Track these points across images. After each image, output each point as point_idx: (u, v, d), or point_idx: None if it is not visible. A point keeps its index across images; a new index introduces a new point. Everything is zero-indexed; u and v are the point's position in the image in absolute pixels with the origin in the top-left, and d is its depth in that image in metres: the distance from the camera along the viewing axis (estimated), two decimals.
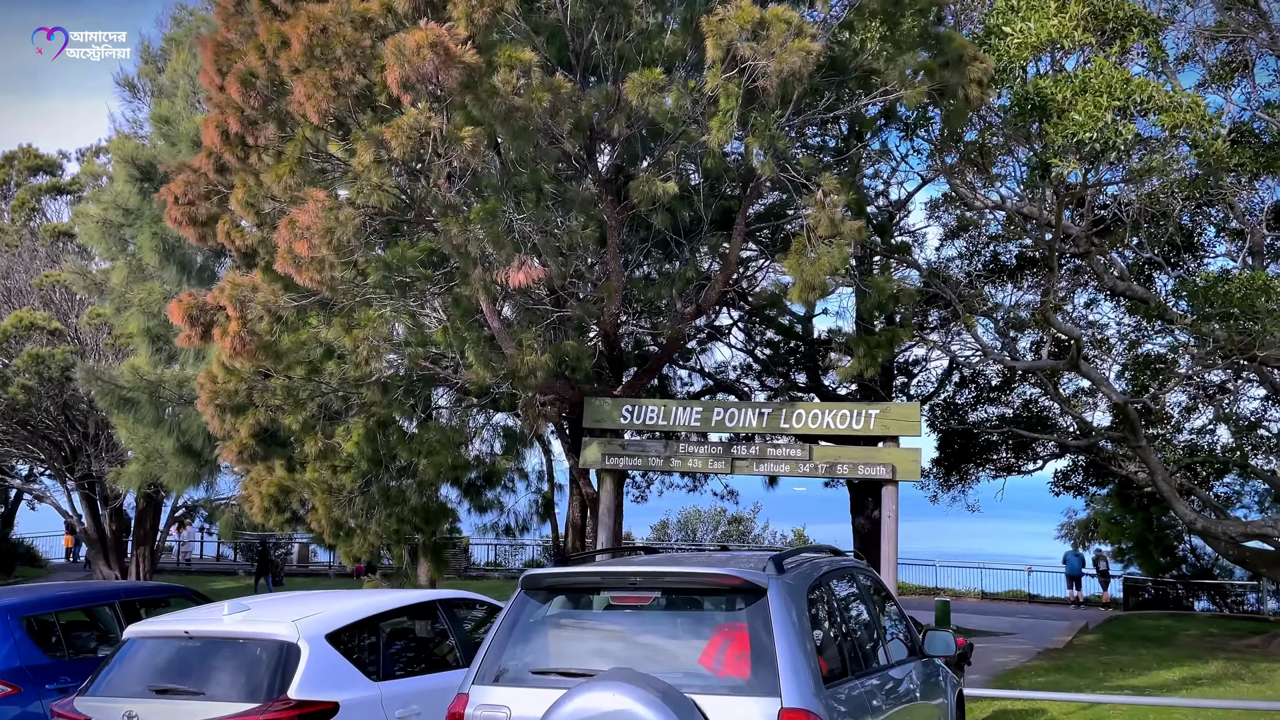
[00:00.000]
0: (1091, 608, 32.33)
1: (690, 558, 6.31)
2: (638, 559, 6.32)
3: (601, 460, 12.17)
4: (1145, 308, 18.15)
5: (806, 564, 5.96)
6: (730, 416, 11.92)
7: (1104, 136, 10.62)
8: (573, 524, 19.57)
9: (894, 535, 11.32)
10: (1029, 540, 44.54)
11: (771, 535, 37.37)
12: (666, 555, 6.51)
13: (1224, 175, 15.00)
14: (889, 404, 11.28)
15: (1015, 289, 23.27)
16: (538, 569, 5.78)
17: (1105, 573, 33.97)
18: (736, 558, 6.40)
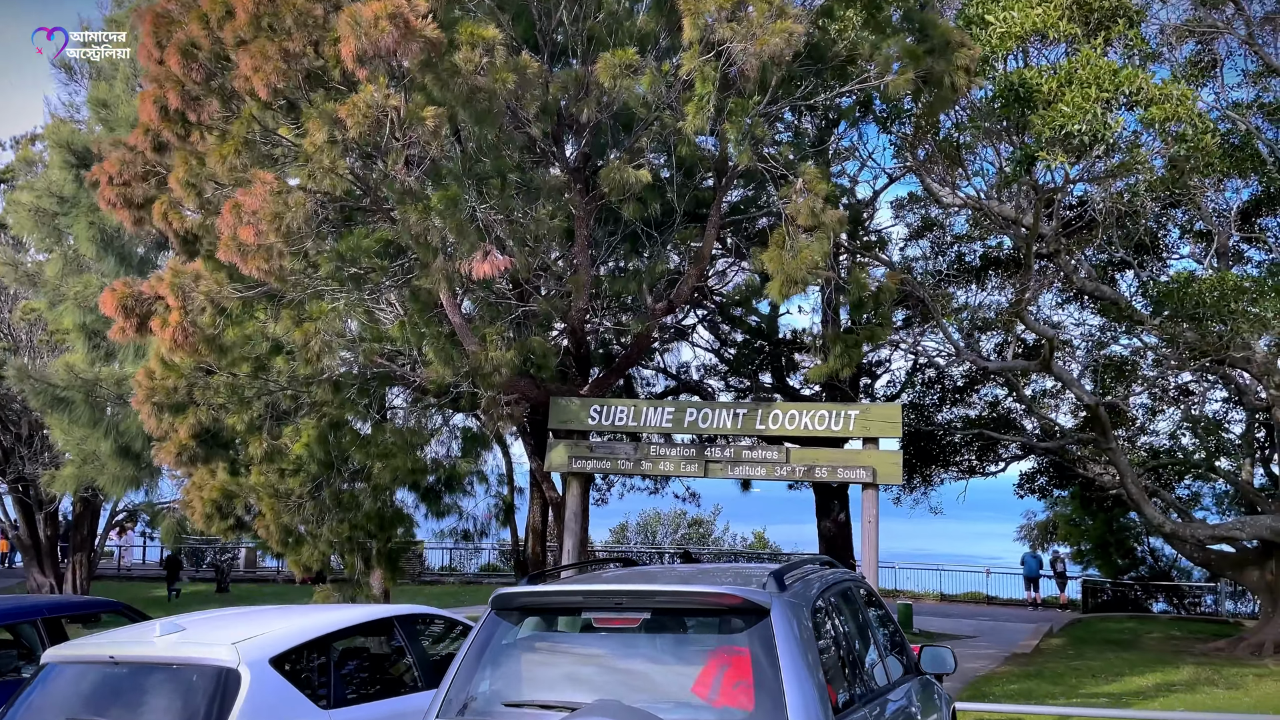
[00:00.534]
0: (1049, 609, 32.38)
1: (679, 573, 5.71)
2: (620, 574, 5.73)
3: (568, 463, 11.56)
4: (1115, 309, 17.95)
5: (808, 579, 5.42)
6: (703, 417, 11.37)
7: (1093, 128, 10.24)
8: (533, 529, 18.93)
9: (874, 541, 10.85)
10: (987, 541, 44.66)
11: (731, 538, 36.96)
12: (646, 571, 5.91)
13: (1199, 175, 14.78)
14: (868, 405, 10.81)
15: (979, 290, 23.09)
16: (510, 588, 5.16)
17: (1062, 574, 34.07)
18: (732, 573, 5.83)
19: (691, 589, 4.89)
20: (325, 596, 12.77)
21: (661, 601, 4.84)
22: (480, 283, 11.03)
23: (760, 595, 4.74)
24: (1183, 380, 20.90)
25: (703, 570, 5.91)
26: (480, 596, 30.81)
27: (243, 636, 6.07)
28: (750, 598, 4.70)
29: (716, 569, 6.07)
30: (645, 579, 5.40)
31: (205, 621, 6.92)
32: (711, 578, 5.39)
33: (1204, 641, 20.31)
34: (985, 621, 27.05)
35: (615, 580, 5.33)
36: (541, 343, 10.70)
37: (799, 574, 5.39)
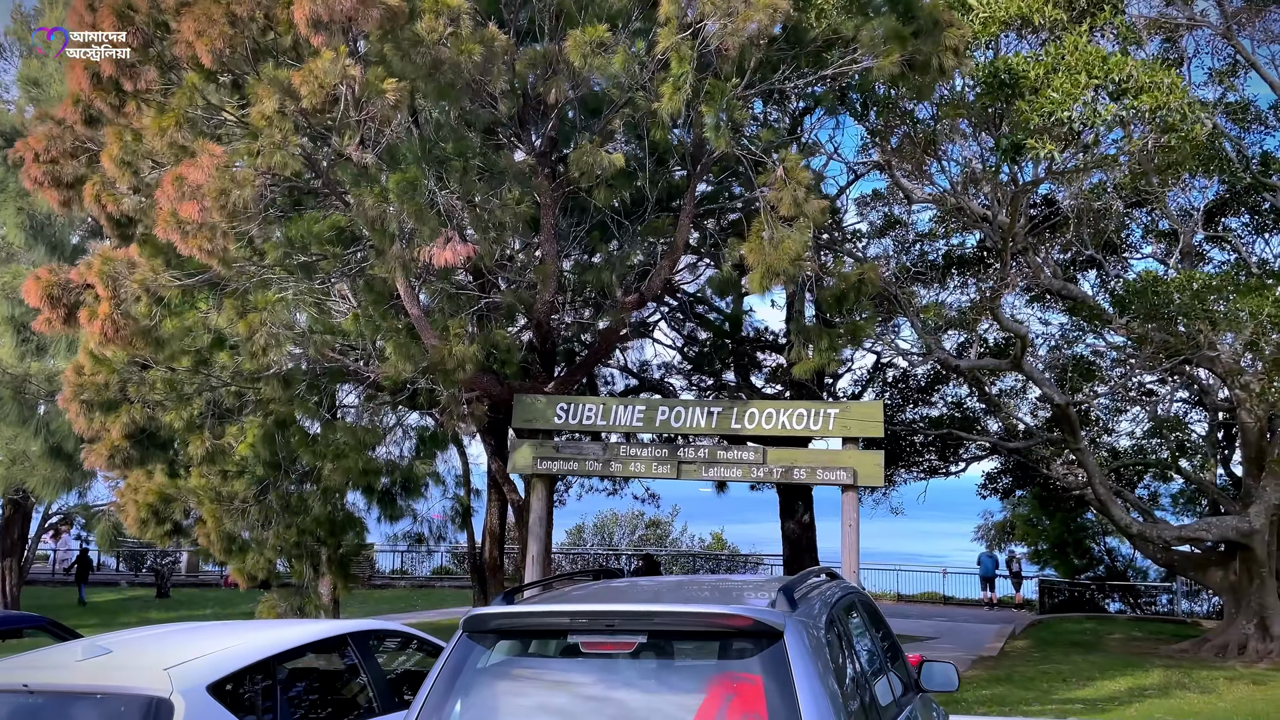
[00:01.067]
0: (1005, 609, 32.38)
1: (673, 590, 5.12)
2: (608, 591, 5.12)
3: (533, 464, 10.93)
4: (1082, 308, 17.74)
5: (816, 595, 4.89)
6: (675, 416, 10.82)
7: (1084, 115, 9.86)
8: (490, 532, 18.23)
9: (855, 545, 10.37)
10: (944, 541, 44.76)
11: (690, 539, 36.47)
12: (636, 587, 5.32)
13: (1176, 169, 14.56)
14: (849, 403, 10.34)
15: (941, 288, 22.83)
16: (484, 608, 4.55)
17: (1018, 574, 34.16)
18: (730, 588, 5.26)
19: (694, 609, 4.32)
20: (271, 606, 11.99)
21: (660, 623, 4.26)
22: (440, 272, 10.38)
23: (772, 615, 4.19)
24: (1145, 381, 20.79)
25: (693, 584, 5.33)
26: (432, 600, 29.97)
27: (177, 660, 5.38)
28: (762, 618, 4.15)
29: (711, 583, 5.48)
30: (638, 596, 4.82)
31: (135, 642, 6.18)
32: (713, 594, 4.84)
33: (1167, 643, 20.22)
34: (943, 622, 26.86)
35: (605, 599, 4.74)
36: (506, 336, 10.07)
37: (806, 589, 4.86)
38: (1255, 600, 18.40)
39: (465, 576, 34.98)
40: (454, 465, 18.23)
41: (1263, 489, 17.94)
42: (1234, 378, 18.81)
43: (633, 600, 4.65)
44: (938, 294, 22.29)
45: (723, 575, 7.07)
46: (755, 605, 4.35)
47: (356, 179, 9.51)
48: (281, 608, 11.86)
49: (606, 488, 24.95)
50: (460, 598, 30.36)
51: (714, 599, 4.67)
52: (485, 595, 18.19)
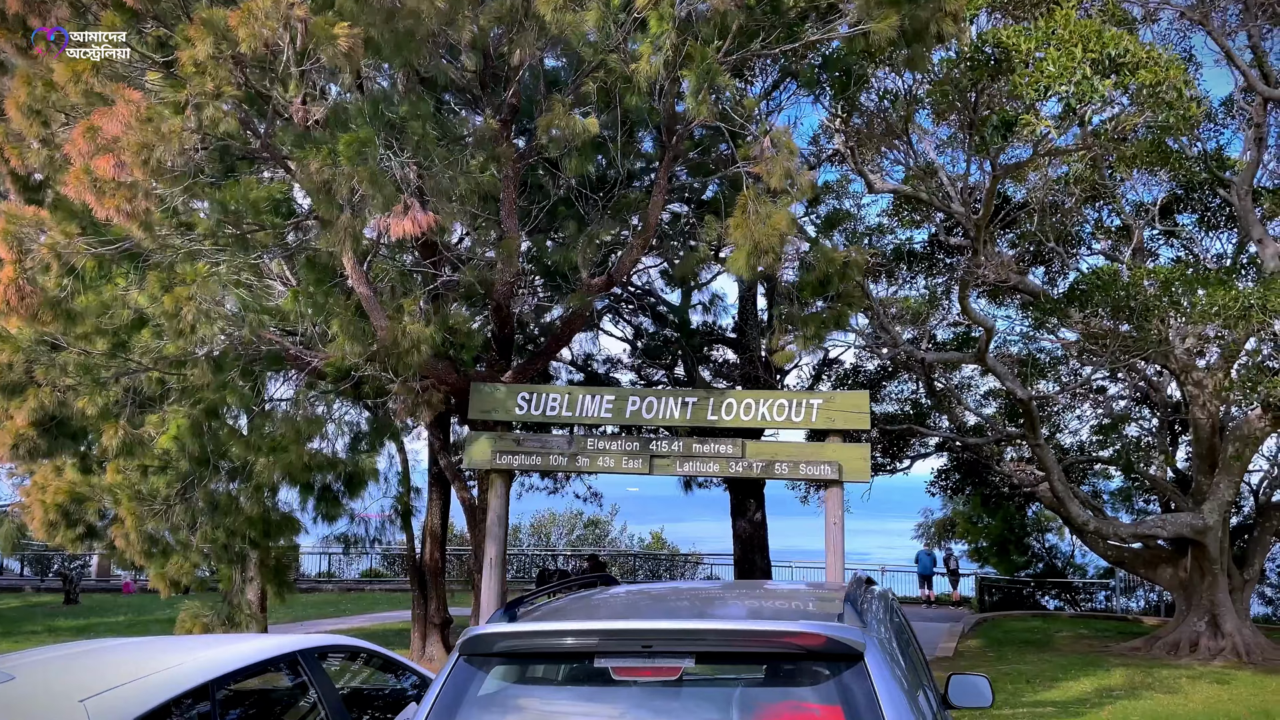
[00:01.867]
0: (942, 606, 32.36)
1: (712, 600, 4.30)
2: (635, 600, 4.30)
3: (492, 458, 10.03)
4: (1045, 302, 17.43)
5: (873, 605, 4.16)
6: (648, 407, 10.03)
7: (1080, 90, 9.34)
8: (431, 533, 17.25)
9: (840, 545, 9.71)
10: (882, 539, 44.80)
11: (629, 538, 35.71)
12: (667, 594, 4.49)
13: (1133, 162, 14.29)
14: (833, 393, 9.70)
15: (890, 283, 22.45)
16: (487, 626, 3.70)
17: (955, 572, 34.23)
18: (777, 597, 4.48)
19: (755, 626, 3.53)
20: (194, 615, 10.88)
21: (712, 644, 3.47)
22: (392, 247, 9.44)
23: (849, 633, 3.43)
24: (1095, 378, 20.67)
25: (726, 593, 4.54)
26: (362, 605, 28.69)
27: (95, 688, 4.42)
28: (839, 636, 3.39)
29: (745, 592, 4.69)
30: (675, 611, 4.01)
31: (43, 665, 5.15)
32: (762, 606, 4.08)
33: (1117, 641, 20.11)
34: None
35: (637, 614, 3.94)
36: (465, 318, 9.16)
37: (865, 598, 4.12)
38: (1207, 598, 18.33)
39: (397, 579, 33.71)
40: (393, 462, 17.19)
41: (1216, 485, 17.87)
42: (1187, 374, 18.78)
43: (671, 615, 3.86)
44: (887, 289, 21.90)
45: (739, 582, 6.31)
46: (822, 620, 3.60)
47: (300, 140, 8.53)
48: (207, 617, 10.76)
49: (547, 485, 24.04)
50: (392, 601, 29.13)
51: (768, 613, 3.92)
52: (425, 599, 17.19)
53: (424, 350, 8.55)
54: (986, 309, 21.25)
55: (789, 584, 4.74)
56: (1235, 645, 17.75)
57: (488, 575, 10.02)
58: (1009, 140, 10.19)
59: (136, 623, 22.31)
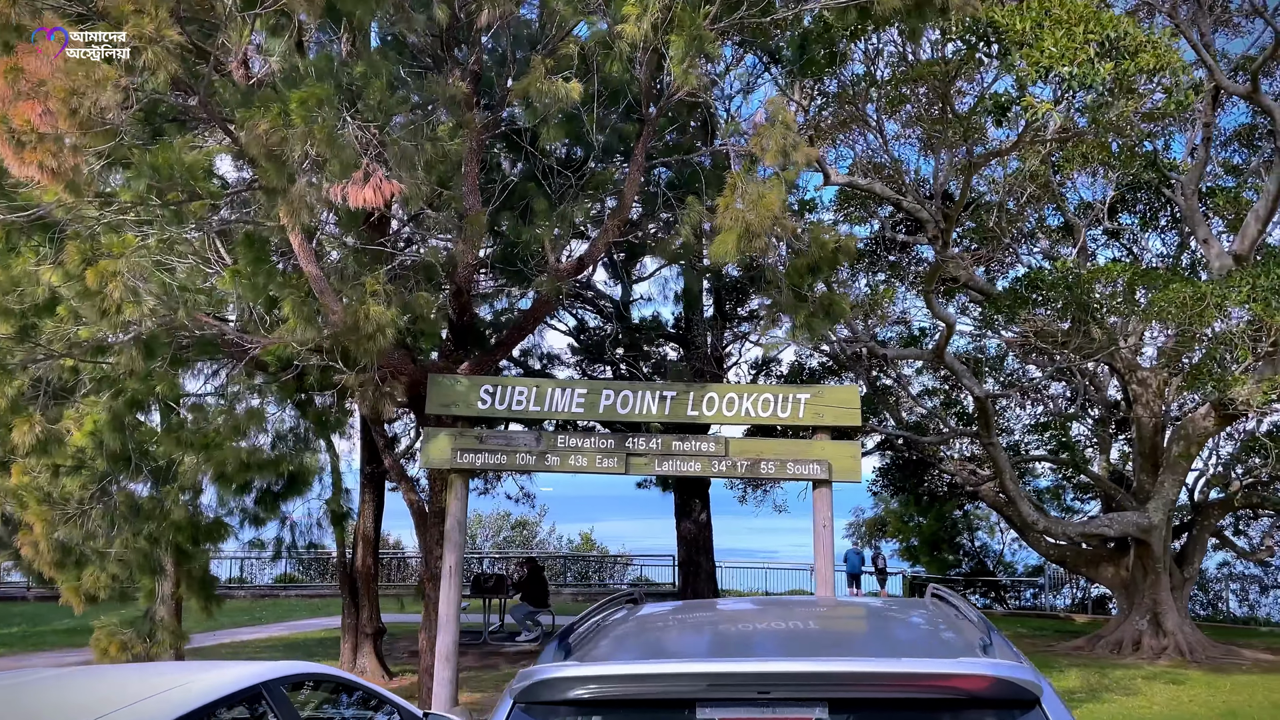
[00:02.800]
0: None
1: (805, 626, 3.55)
2: (723, 631, 3.53)
3: (452, 457, 9.15)
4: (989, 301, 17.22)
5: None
6: (623, 401, 9.27)
7: (1082, 72, 8.92)
8: (364, 537, 16.18)
9: (830, 549, 9.11)
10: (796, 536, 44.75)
11: (557, 540, 34.82)
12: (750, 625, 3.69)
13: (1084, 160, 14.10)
14: (820, 387, 9.09)
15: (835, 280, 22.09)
16: (554, 670, 2.91)
17: (883, 571, 34.28)
18: (887, 621, 3.76)
19: (909, 668, 2.82)
20: (110, 634, 9.71)
21: (850, 689, 2.76)
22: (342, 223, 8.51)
23: (1022, 673, 2.78)
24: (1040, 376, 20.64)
25: (822, 614, 3.78)
26: (278, 612, 27.16)
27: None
28: (1011, 677, 2.73)
29: (847, 614, 3.94)
30: (787, 646, 3.25)
31: None
32: (886, 636, 3.38)
33: (1058, 640, 20.10)
34: None
35: (738, 650, 3.20)
36: (430, 301, 8.27)
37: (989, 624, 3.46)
38: (1149, 596, 18.38)
39: (314, 585, 32.17)
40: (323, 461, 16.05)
41: (1161, 484, 17.92)
42: (1131, 373, 18.84)
43: (787, 651, 3.12)
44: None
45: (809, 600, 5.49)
46: (969, 654, 2.92)
47: (246, 99, 7.56)
48: (125, 635, 9.62)
49: (476, 486, 23.06)
50: (311, 608, 27.72)
51: (902, 646, 3.22)
52: (357, 608, 16.12)
53: (388, 335, 7.65)
54: (918, 307, 21.02)
55: (863, 601, 4.06)
56: (1178, 644, 17.82)
57: (446, 585, 9.14)
58: (1001, 123, 9.74)
59: (32, 634, 20.62)
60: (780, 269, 8.82)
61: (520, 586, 20.09)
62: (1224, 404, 15.68)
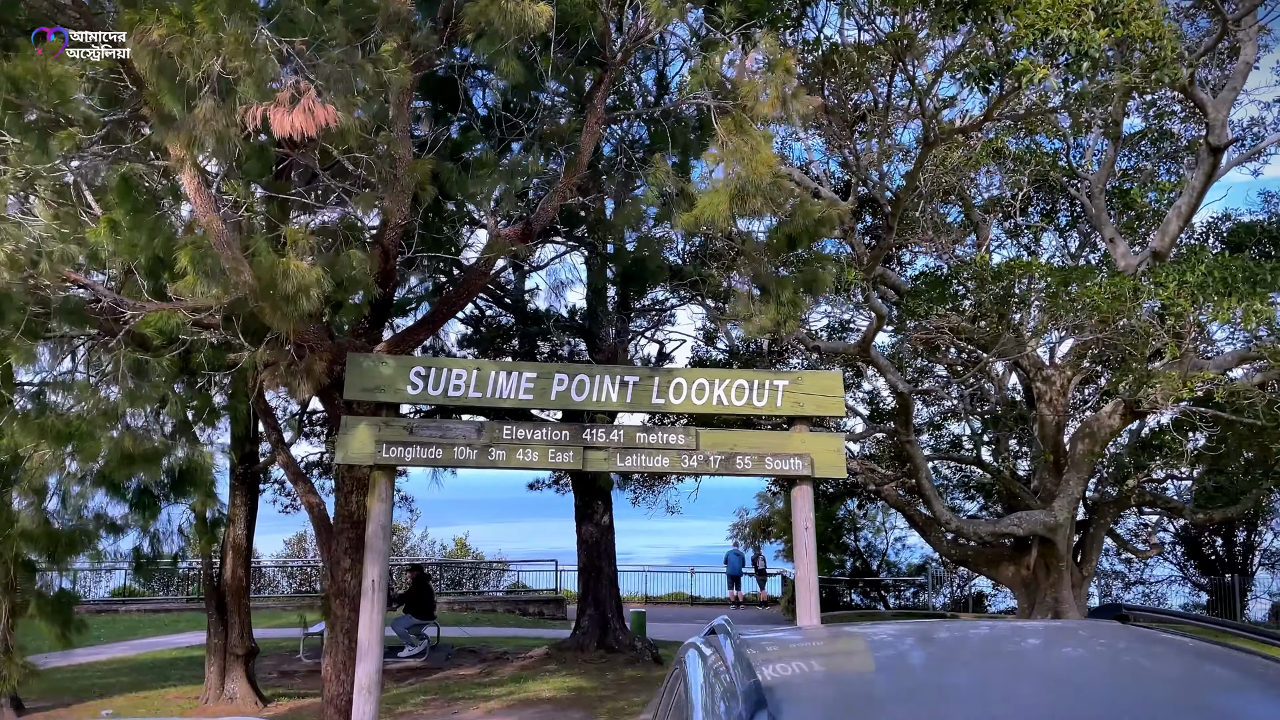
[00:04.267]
0: (751, 607, 32.04)
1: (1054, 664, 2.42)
2: (946, 666, 2.42)
3: (377, 451, 7.71)
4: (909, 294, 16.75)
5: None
6: (579, 387, 8.04)
7: (1079, 36, 8.26)
8: (235, 546, 14.33)
9: (811, 553, 8.13)
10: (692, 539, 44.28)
11: (430, 545, 32.94)
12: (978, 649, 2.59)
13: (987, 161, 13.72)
14: (800, 372, 8.12)
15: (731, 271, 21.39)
16: None
17: (763, 571, 34.06)
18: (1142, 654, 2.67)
19: None
20: None
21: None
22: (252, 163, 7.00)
23: None
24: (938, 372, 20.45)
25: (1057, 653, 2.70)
26: (120, 629, 24.40)
27: None
28: None
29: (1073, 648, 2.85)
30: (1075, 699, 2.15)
31: None
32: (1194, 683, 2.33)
33: None
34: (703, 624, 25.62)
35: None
36: (362, 260, 6.83)
37: None
38: (1051, 595, 18.34)
39: (157, 599, 29.29)
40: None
41: (1066, 483, 17.88)
42: (1037, 370, 18.81)
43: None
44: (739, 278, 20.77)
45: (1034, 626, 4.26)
46: None
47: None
48: None
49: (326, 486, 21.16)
50: (156, 624, 25.11)
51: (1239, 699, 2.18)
52: (225, 625, 14.23)
53: (312, 297, 6.19)
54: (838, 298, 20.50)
55: (1103, 627, 3.03)
56: None
57: (367, 604, 7.68)
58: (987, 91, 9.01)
59: None
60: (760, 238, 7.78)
61: (404, 597, 18.44)
62: (1136, 401, 15.70)
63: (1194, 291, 13.21)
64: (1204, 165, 13.67)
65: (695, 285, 17.02)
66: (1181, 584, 29.11)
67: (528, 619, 26.62)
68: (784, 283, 7.82)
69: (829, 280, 8.05)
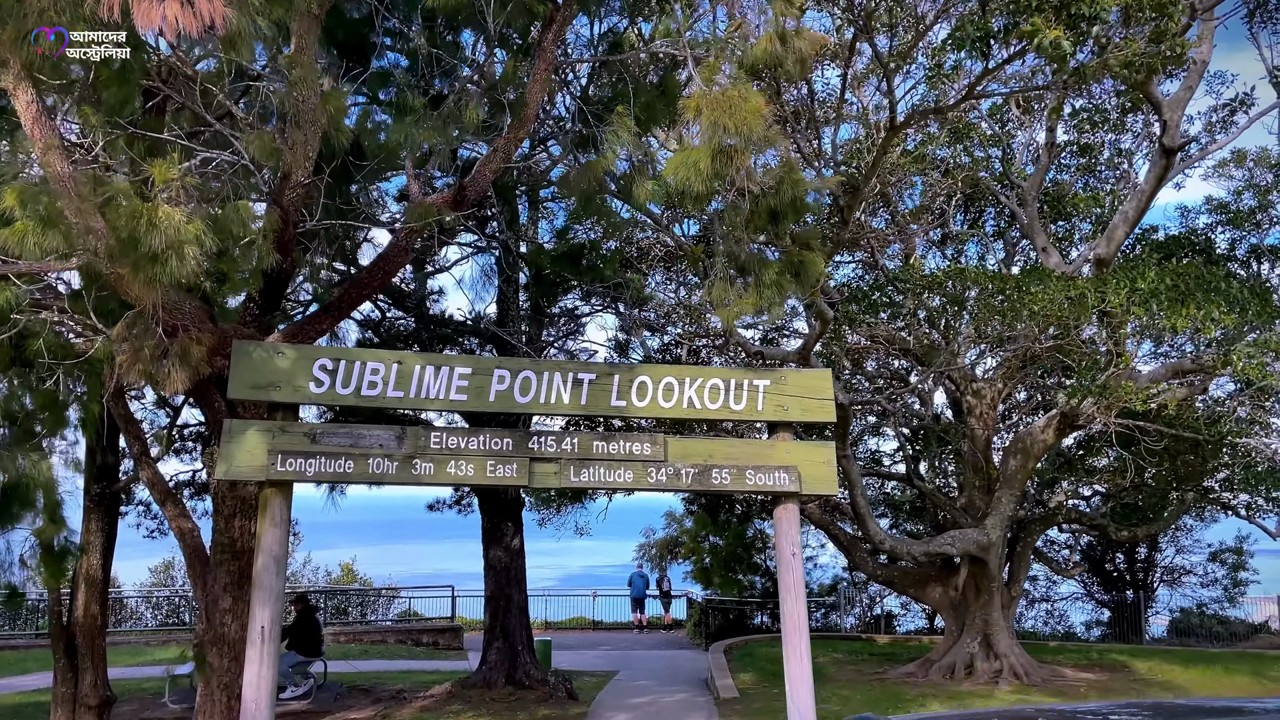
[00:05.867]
0: (655, 631, 30.83)
1: None
2: None
3: (271, 463, 6.12)
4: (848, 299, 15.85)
5: None
6: (523, 387, 6.61)
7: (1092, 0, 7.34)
8: (89, 579, 12.27)
9: (800, 587, 6.86)
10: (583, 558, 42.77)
11: (313, 571, 30.57)
12: None
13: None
14: (783, 370, 6.85)
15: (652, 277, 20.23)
16: None
17: (668, 594, 32.91)
18: None
19: None
20: None
21: None
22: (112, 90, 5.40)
23: None
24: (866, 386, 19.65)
25: None
26: None
27: None
28: None
29: None
30: None
31: None
32: None
33: (890, 666, 19.03)
34: (611, 651, 24.30)
35: None
36: (251, 213, 5.28)
37: None
38: (980, 617, 17.62)
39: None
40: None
41: (998, 500, 17.22)
42: (967, 383, 18.16)
43: None
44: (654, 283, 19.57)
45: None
46: None
47: None
48: None
49: (208, 508, 19.02)
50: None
51: None
52: (76, 670, 12.15)
53: (189, 259, 4.63)
54: None
55: None
56: (1011, 666, 17.12)
57: (256, 655, 6.06)
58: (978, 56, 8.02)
59: None
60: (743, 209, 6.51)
61: (287, 631, 16.44)
62: (1076, 414, 15.13)
63: (1146, 298, 12.62)
64: (1155, 168, 13.14)
65: (618, 288, 15.75)
66: (1085, 600, 29.13)
67: (422, 650, 24.69)
68: (768, 264, 6.58)
69: (820, 265, 6.86)
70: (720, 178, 5.84)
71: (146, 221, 4.56)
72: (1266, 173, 19.37)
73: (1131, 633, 26.09)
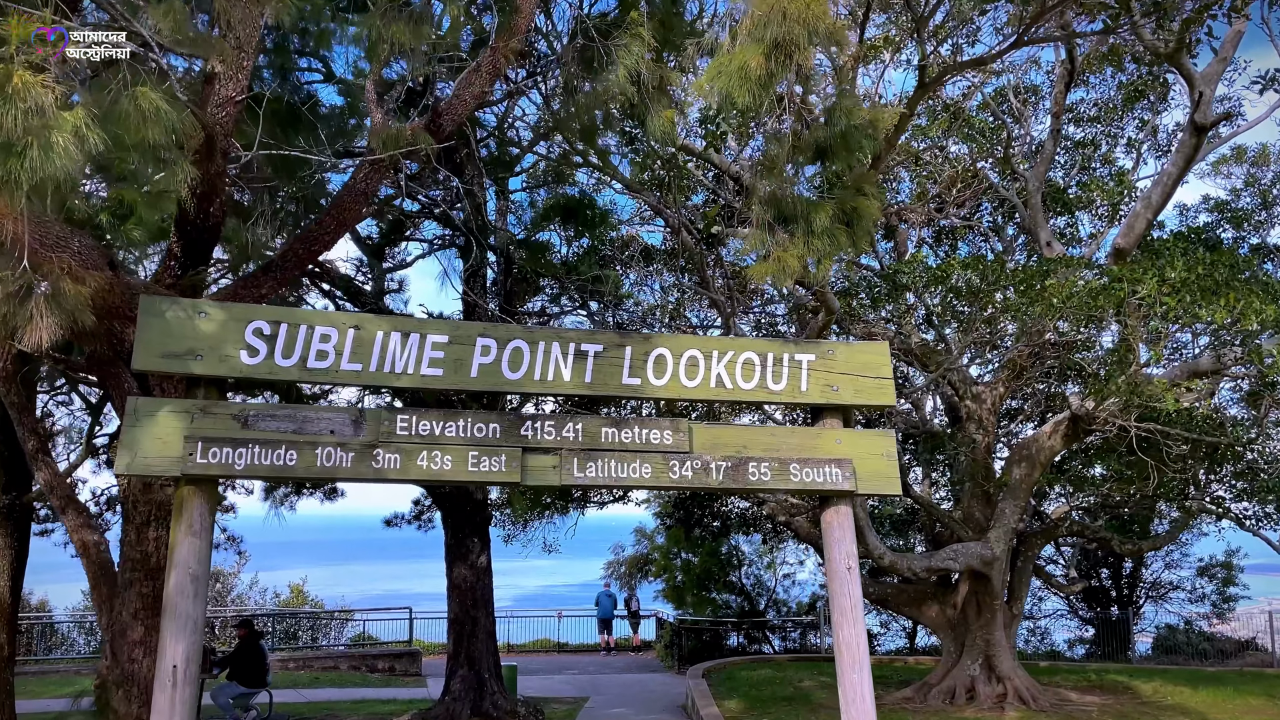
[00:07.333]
0: (623, 653, 29.39)
1: None
2: None
3: (187, 454, 4.71)
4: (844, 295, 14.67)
5: None
6: (513, 361, 5.26)
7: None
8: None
9: (857, 601, 5.55)
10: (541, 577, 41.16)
11: (260, 593, 28.70)
12: None
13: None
14: (833, 344, 5.58)
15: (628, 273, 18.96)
16: None
17: (636, 614, 31.47)
18: None
19: None
20: None
21: None
22: None
23: None
24: None
25: None
26: None
27: None
28: None
29: None
30: None
31: None
32: None
33: (883, 690, 17.75)
34: (579, 675, 22.85)
35: None
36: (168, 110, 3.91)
37: None
38: (981, 637, 16.46)
39: None
40: None
41: (1001, 511, 16.09)
42: (966, 388, 17.08)
43: None
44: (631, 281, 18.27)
45: None
46: None
47: None
48: None
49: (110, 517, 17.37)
50: None
51: None
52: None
53: (65, 155, 3.26)
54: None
55: None
56: (1015, 689, 15.97)
57: (166, 702, 4.63)
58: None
59: None
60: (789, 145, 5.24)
61: (229, 660, 14.81)
62: (1090, 417, 14.08)
63: (1178, 288, 11.58)
64: (1184, 149, 12.11)
65: (597, 281, 14.45)
66: (1069, 617, 28.15)
67: (377, 676, 23.04)
68: (819, 207, 5.30)
69: (876, 212, 5.60)
70: (773, 84, 4.56)
71: (81, 121, 3.16)
72: (1267, 170, 18.61)
73: (1118, 650, 25.11)
